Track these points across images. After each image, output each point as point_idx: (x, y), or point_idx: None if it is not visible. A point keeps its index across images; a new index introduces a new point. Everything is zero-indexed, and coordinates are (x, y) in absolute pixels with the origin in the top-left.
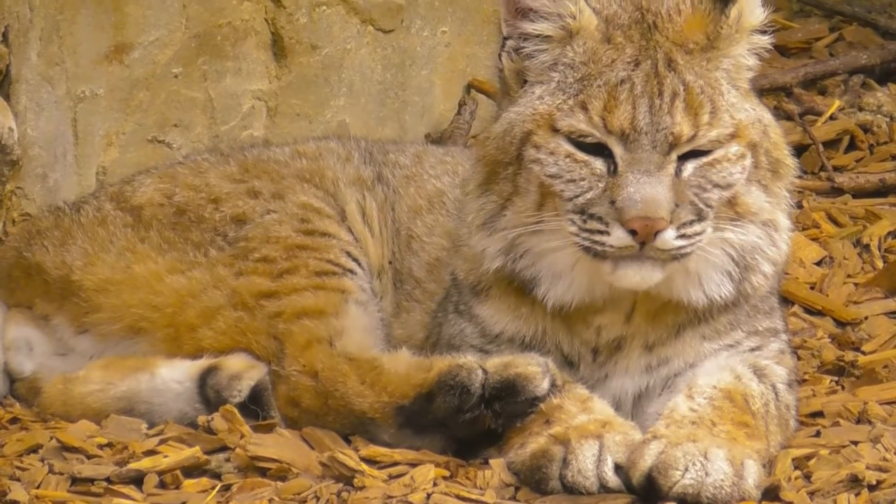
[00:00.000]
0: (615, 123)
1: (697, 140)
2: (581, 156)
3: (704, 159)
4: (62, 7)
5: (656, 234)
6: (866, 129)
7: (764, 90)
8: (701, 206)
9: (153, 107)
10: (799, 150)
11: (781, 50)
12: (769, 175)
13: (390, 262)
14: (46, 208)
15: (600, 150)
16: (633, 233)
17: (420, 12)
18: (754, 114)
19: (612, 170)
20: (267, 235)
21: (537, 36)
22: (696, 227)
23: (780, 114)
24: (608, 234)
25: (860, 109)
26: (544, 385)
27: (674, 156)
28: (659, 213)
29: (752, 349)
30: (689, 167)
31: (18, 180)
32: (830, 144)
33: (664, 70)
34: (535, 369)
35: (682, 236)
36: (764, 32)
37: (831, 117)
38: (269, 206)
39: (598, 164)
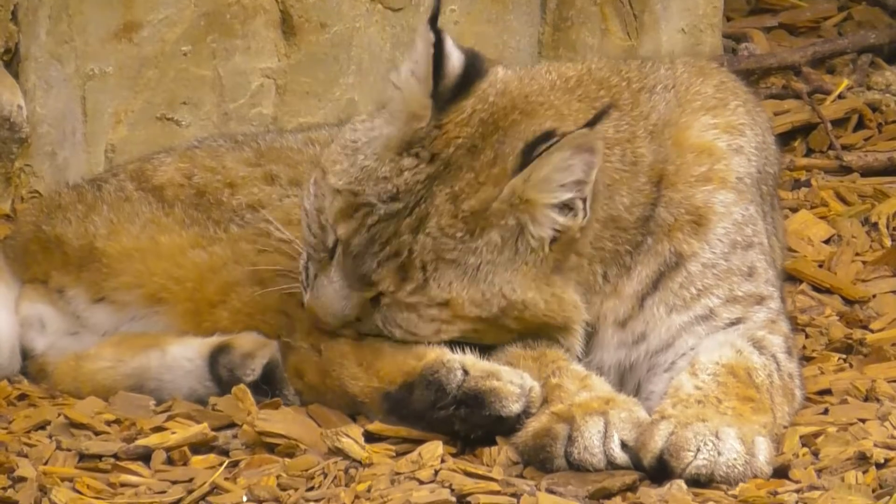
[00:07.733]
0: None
1: None
2: None
3: None
4: None
5: None
6: (875, 108)
7: (772, 69)
8: None
9: (162, 85)
10: (807, 128)
11: (790, 29)
12: None
13: None
14: (66, 185)
15: None
16: None
17: None
18: None
19: None
20: (288, 219)
21: None
22: None
23: (789, 92)
24: None
25: (868, 88)
26: (514, 408)
27: None
28: None
29: (733, 322)
30: None
31: (27, 158)
32: (839, 123)
33: None
34: (513, 389)
35: None
36: None
37: (840, 96)
38: (288, 191)
39: None
